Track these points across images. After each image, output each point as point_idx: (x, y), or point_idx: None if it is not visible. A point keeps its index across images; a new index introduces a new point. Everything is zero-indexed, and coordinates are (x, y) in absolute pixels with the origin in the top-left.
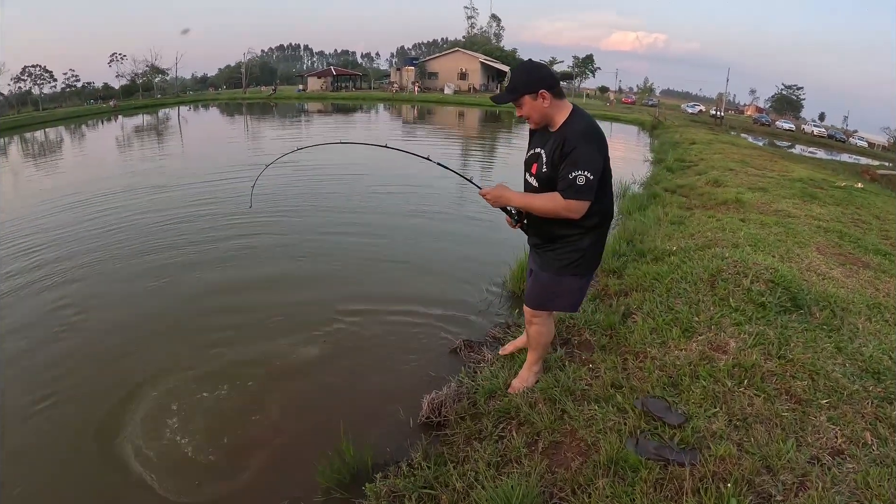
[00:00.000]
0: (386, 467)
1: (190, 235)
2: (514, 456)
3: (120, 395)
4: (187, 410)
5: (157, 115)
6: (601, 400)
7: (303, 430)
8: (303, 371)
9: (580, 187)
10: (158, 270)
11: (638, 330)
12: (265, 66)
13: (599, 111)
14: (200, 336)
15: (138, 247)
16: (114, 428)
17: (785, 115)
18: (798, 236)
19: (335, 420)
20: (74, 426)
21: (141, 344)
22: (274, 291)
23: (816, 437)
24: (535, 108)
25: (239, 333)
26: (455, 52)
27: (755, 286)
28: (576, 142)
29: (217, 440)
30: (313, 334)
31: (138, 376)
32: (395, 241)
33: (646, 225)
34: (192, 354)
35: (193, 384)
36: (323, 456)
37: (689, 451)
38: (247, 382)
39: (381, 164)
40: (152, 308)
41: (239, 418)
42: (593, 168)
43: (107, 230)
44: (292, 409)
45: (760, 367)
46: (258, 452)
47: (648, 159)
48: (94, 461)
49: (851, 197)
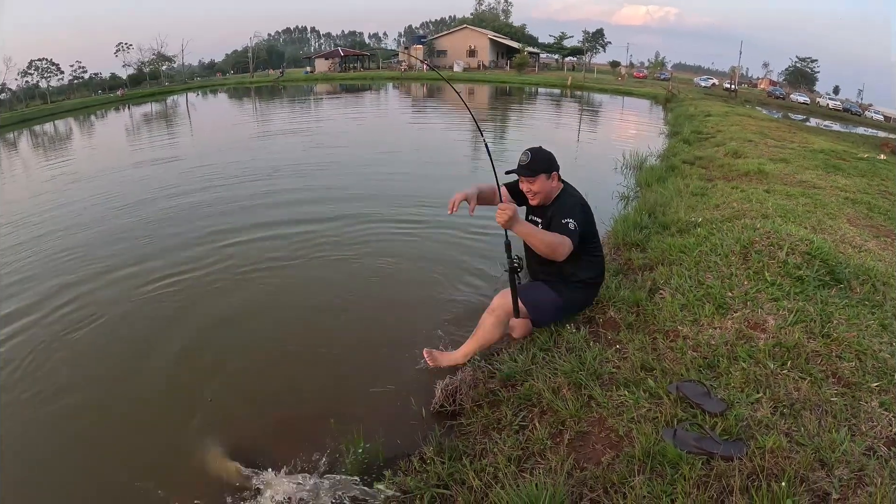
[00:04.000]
0: (396, 462)
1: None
2: (538, 449)
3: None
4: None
5: (166, 102)
6: (631, 384)
7: (307, 417)
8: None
9: (571, 231)
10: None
11: (667, 307)
12: (272, 50)
13: (611, 86)
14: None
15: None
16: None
17: (799, 89)
18: (827, 207)
19: (344, 409)
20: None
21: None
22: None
23: (870, 426)
24: (545, 186)
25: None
26: (463, 29)
27: (791, 259)
28: (567, 205)
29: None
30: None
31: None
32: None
33: (666, 196)
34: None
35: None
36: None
37: (735, 444)
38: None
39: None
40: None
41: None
42: (579, 220)
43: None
44: (297, 396)
45: (804, 346)
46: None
47: (664, 132)
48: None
49: (876, 168)
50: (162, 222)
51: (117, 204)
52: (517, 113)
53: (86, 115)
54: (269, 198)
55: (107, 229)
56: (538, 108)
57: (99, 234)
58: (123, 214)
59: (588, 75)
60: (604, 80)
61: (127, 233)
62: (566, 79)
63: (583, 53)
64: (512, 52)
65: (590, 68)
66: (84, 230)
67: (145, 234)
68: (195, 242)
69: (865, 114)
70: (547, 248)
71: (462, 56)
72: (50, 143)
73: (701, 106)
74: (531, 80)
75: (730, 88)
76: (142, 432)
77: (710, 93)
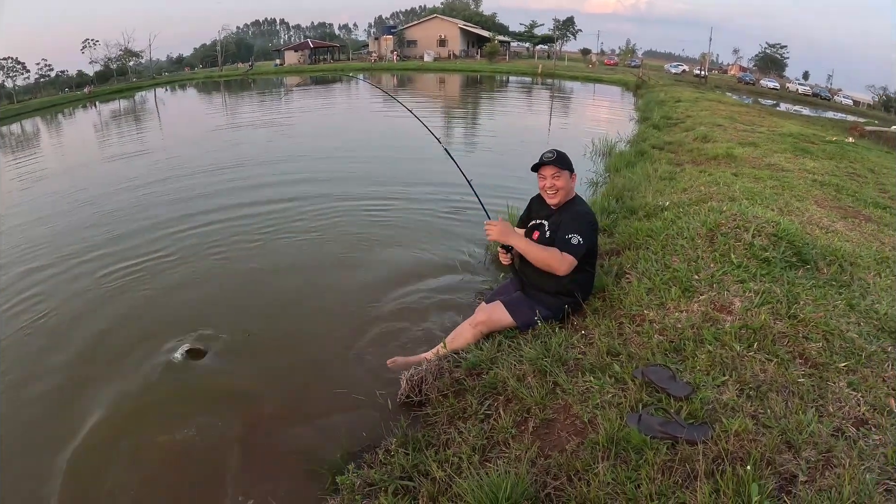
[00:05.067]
0: (361, 455)
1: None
2: (502, 438)
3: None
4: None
5: (134, 98)
6: (597, 370)
7: (274, 416)
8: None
9: (574, 246)
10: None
11: (633, 291)
12: (241, 43)
13: (582, 73)
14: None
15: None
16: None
17: (769, 74)
18: (794, 190)
19: (304, 403)
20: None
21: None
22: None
23: (838, 406)
24: (569, 184)
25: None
26: (433, 18)
27: (757, 240)
28: (577, 216)
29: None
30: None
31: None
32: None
33: (635, 181)
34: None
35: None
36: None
37: (700, 427)
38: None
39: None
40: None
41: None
42: (586, 236)
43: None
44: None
45: (770, 328)
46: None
47: (634, 118)
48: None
49: (844, 151)
50: (123, 213)
51: (82, 197)
52: (488, 101)
53: (53, 114)
54: (217, 188)
55: (71, 221)
56: (509, 97)
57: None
58: (87, 207)
59: (559, 63)
60: (575, 68)
61: (90, 223)
62: (537, 67)
63: (553, 41)
64: (483, 41)
65: (560, 56)
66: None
67: (107, 223)
68: (157, 228)
69: (835, 98)
70: (543, 264)
71: (433, 46)
72: (17, 143)
73: (671, 92)
74: (502, 68)
75: (700, 75)
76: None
77: (680, 79)
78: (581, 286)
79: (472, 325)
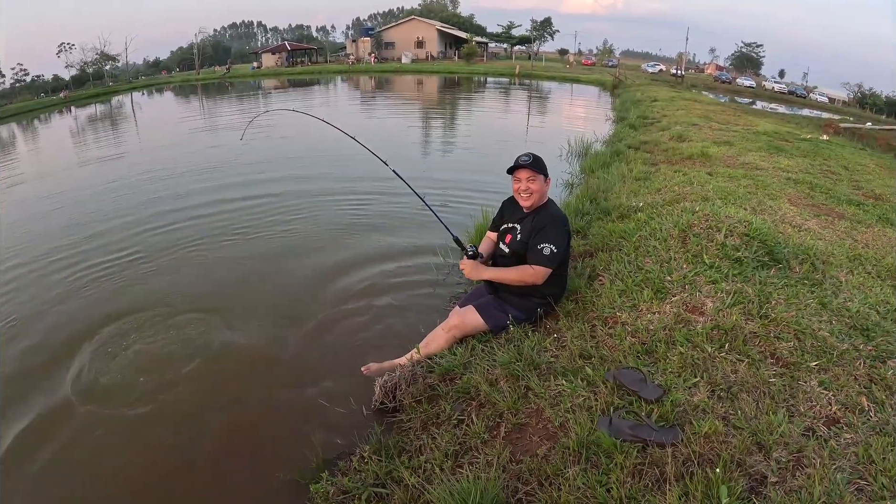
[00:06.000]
0: (335, 463)
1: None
2: (474, 443)
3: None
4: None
5: (111, 103)
6: (569, 373)
7: (245, 424)
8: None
9: (546, 256)
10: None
11: (606, 293)
12: (218, 46)
13: (559, 73)
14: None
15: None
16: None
17: (745, 73)
18: (768, 188)
19: (277, 412)
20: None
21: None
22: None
23: (809, 406)
24: (542, 188)
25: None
26: (411, 20)
27: (729, 241)
28: (549, 222)
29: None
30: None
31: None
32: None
33: (609, 182)
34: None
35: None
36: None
37: (670, 430)
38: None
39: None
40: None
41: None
42: (560, 244)
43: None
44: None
45: (742, 328)
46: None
47: (610, 118)
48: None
49: (818, 149)
50: (98, 214)
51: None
52: (466, 102)
53: (29, 119)
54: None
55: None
56: (486, 97)
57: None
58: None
59: (537, 63)
60: (552, 68)
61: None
62: (515, 68)
63: (531, 42)
64: (460, 42)
65: (538, 56)
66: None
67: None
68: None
69: (811, 96)
70: (519, 283)
71: (410, 47)
72: None
73: (648, 91)
74: (479, 69)
75: (677, 74)
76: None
77: (657, 78)
78: (553, 288)
79: (445, 330)
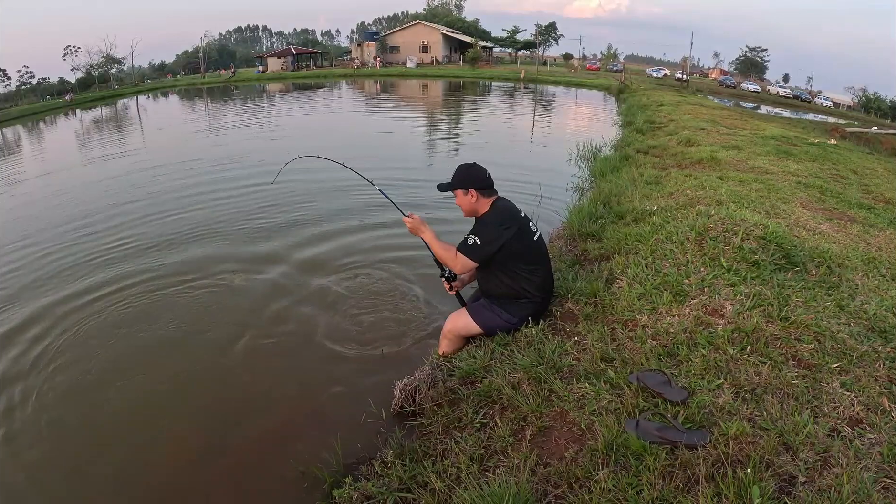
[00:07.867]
0: (357, 468)
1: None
2: (500, 446)
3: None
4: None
5: (116, 106)
6: (591, 376)
7: (265, 431)
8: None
9: (467, 245)
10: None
11: (624, 296)
12: (223, 50)
13: (564, 78)
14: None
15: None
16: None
17: (750, 77)
18: (780, 192)
19: (297, 417)
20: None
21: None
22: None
23: (833, 407)
24: (464, 202)
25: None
26: (416, 24)
27: (746, 244)
28: (479, 221)
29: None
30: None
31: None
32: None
33: (621, 186)
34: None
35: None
36: (286, 460)
37: (698, 431)
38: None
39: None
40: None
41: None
42: (483, 238)
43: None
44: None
45: (762, 330)
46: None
47: (617, 122)
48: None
49: (826, 153)
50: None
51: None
52: (471, 106)
53: (34, 122)
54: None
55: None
56: (491, 102)
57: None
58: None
59: (541, 68)
60: (557, 73)
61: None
62: (519, 72)
63: (536, 47)
64: (465, 46)
65: (543, 61)
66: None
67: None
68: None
69: (815, 100)
70: (441, 259)
71: (415, 52)
72: None
73: (653, 96)
74: (484, 73)
75: (681, 78)
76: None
77: (662, 83)
78: (525, 284)
79: (442, 336)
